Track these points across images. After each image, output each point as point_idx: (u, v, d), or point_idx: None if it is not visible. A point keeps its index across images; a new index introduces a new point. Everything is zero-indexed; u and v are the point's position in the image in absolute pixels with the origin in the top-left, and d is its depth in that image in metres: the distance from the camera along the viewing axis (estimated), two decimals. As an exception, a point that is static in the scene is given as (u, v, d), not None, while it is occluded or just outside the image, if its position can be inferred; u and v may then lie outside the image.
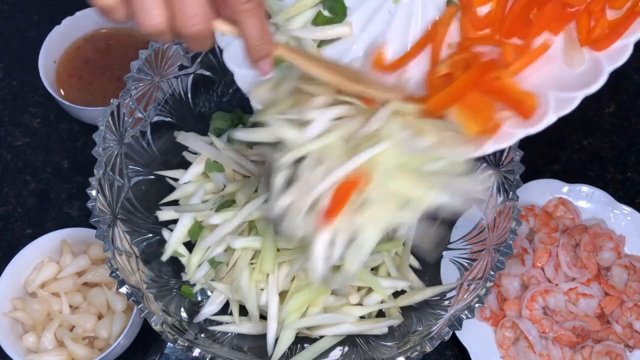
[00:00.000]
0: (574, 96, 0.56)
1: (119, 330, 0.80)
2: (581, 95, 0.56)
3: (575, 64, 0.58)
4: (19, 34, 1.08)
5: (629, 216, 0.91)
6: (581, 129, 1.02)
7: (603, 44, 0.58)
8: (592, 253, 0.88)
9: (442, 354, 0.86)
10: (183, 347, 0.66)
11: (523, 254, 0.87)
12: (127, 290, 0.67)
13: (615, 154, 1.01)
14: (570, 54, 0.59)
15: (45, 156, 0.99)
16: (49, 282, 0.84)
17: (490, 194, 0.76)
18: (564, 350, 0.83)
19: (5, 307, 0.81)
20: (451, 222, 0.82)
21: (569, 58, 0.59)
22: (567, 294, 0.86)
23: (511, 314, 0.85)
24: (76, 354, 0.79)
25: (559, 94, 0.57)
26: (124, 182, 0.78)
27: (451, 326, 0.67)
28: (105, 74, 0.99)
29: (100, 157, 0.73)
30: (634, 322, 0.84)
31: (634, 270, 0.87)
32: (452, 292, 0.75)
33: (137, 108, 0.79)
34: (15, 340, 0.80)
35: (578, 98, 0.56)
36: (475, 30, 0.65)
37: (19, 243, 0.86)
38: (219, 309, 0.79)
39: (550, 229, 0.89)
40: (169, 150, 0.85)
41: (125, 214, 0.77)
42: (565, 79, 0.58)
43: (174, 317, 0.74)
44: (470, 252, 0.77)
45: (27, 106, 1.03)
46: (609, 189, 0.93)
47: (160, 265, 0.80)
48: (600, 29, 0.58)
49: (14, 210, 0.95)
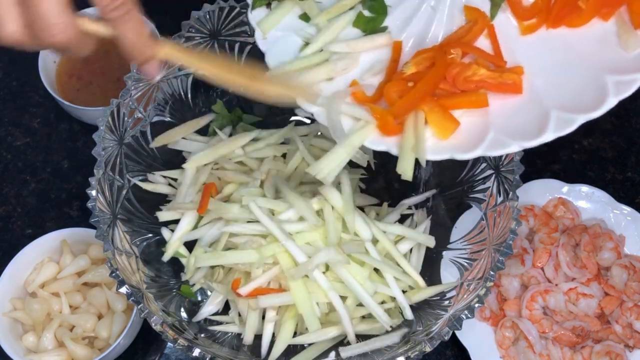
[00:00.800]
0: (634, 78, 0.56)
1: (119, 330, 0.80)
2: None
3: (630, 47, 0.58)
4: (19, 34, 1.08)
5: (629, 216, 0.91)
6: (581, 129, 1.01)
7: None
8: (592, 253, 0.88)
9: (442, 354, 0.86)
10: (183, 347, 0.66)
11: (523, 254, 0.87)
12: (127, 290, 0.67)
13: (615, 154, 1.01)
14: (624, 37, 0.58)
15: (45, 156, 0.99)
16: (49, 282, 0.84)
17: (490, 193, 0.76)
18: (564, 350, 0.83)
19: (5, 307, 0.81)
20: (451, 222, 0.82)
21: (624, 42, 0.58)
22: (567, 294, 0.86)
23: (511, 314, 0.85)
24: (76, 354, 0.79)
25: (618, 77, 0.57)
26: (124, 182, 0.78)
27: (451, 326, 0.67)
28: (105, 74, 0.99)
29: (100, 157, 0.73)
30: (633, 322, 0.84)
31: (634, 270, 0.87)
32: (452, 292, 0.75)
33: (137, 108, 0.79)
34: (15, 340, 0.80)
35: (638, 80, 0.56)
36: (521, 21, 0.64)
37: (19, 243, 0.86)
38: (218, 309, 0.79)
39: (550, 229, 0.89)
40: (169, 150, 0.85)
41: (125, 214, 0.77)
42: (622, 62, 0.57)
43: (173, 317, 0.74)
44: (470, 252, 0.77)
45: (27, 106, 1.03)
46: (609, 189, 0.93)
47: (160, 265, 0.80)
48: None
49: (14, 210, 0.95)
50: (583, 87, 0.58)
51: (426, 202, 0.87)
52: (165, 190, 0.84)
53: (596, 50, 0.60)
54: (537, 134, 0.57)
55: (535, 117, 0.59)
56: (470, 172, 0.80)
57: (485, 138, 0.59)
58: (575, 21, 0.61)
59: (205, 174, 0.83)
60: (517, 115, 0.60)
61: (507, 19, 0.65)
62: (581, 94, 0.58)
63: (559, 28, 0.62)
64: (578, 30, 0.62)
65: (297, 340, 0.75)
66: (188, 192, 0.82)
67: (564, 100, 0.59)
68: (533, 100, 0.60)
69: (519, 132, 0.58)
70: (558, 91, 0.60)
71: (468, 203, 0.80)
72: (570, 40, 0.62)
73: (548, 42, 0.63)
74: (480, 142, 0.59)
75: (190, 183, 0.83)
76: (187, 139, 0.85)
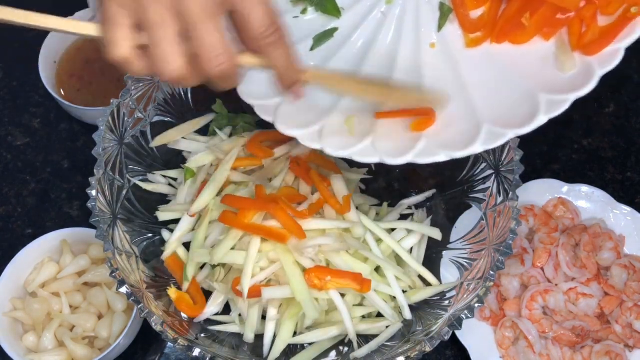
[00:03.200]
0: (565, 99, 0.57)
1: (119, 330, 0.80)
2: (572, 98, 0.57)
3: (566, 68, 0.60)
4: (19, 34, 1.08)
5: (629, 216, 0.91)
6: (581, 129, 1.03)
7: (594, 49, 0.59)
8: (592, 253, 0.88)
9: (442, 354, 0.86)
10: (183, 347, 0.66)
11: (523, 254, 0.87)
12: (127, 290, 0.67)
13: (615, 154, 1.01)
14: (562, 58, 0.60)
15: (45, 156, 0.99)
16: (49, 282, 0.84)
17: (490, 193, 0.76)
18: (564, 350, 0.83)
19: (6, 307, 0.81)
20: (451, 222, 0.82)
21: (560, 63, 0.60)
22: (567, 294, 0.86)
23: (511, 313, 0.85)
24: (76, 354, 0.79)
25: (550, 96, 0.58)
26: (124, 182, 0.78)
27: (451, 326, 0.67)
28: (105, 74, 0.99)
29: (100, 157, 0.73)
30: (633, 322, 0.84)
31: (634, 270, 0.87)
32: (452, 292, 0.75)
33: (137, 108, 0.79)
34: (15, 340, 0.80)
35: (569, 100, 0.57)
36: (468, 33, 0.66)
37: (19, 243, 0.86)
38: (219, 310, 0.79)
39: (550, 229, 0.89)
40: (169, 150, 0.85)
41: (125, 214, 0.77)
42: (557, 83, 0.59)
43: (174, 317, 0.74)
44: (470, 252, 0.77)
45: (27, 106, 1.03)
46: (609, 189, 0.94)
47: (161, 265, 0.80)
48: (591, 34, 0.59)
49: (14, 210, 0.95)
50: (518, 103, 0.61)
51: (426, 202, 0.87)
52: (165, 190, 0.84)
53: (535, 69, 0.62)
54: (466, 146, 0.60)
55: (468, 129, 0.61)
56: (470, 172, 0.80)
57: (416, 146, 0.61)
58: (519, 38, 0.64)
59: (205, 174, 0.83)
60: (451, 126, 0.62)
61: (454, 30, 0.67)
62: (514, 109, 0.60)
63: (502, 44, 0.65)
64: (520, 47, 0.64)
65: (297, 339, 0.75)
66: (188, 192, 0.83)
67: (497, 114, 0.61)
68: (468, 113, 0.62)
69: (449, 142, 0.61)
70: (493, 105, 0.62)
71: (468, 203, 0.80)
72: (512, 56, 0.64)
73: (491, 57, 0.65)
74: (410, 150, 0.61)
75: (190, 183, 0.83)
76: (187, 139, 0.85)
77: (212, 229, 0.78)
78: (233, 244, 0.74)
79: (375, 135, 0.64)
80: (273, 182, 0.80)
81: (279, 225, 0.73)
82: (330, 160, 0.83)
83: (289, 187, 0.80)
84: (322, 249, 0.73)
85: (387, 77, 0.67)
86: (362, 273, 0.73)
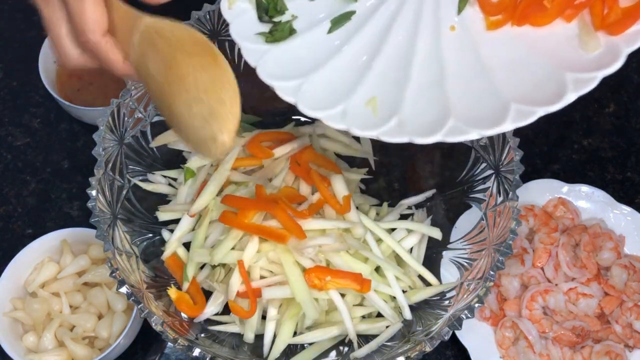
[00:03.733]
0: (593, 76, 0.57)
1: (119, 330, 0.80)
2: (600, 76, 0.57)
3: (590, 48, 0.59)
4: (19, 34, 1.08)
5: (629, 216, 0.91)
6: (581, 129, 1.03)
7: (618, 29, 0.58)
8: (592, 253, 0.88)
9: (442, 354, 0.86)
10: (183, 347, 0.66)
11: (523, 254, 0.87)
12: (127, 290, 0.67)
13: (615, 154, 1.01)
14: (585, 38, 0.60)
15: (45, 156, 0.99)
16: (49, 282, 0.84)
17: (490, 193, 0.76)
18: (564, 350, 0.83)
19: (5, 307, 0.81)
20: (451, 222, 0.82)
21: (584, 43, 0.59)
22: (567, 294, 0.86)
23: (511, 313, 0.85)
24: (76, 354, 0.79)
25: (577, 75, 0.58)
26: (124, 182, 0.78)
27: (451, 326, 0.67)
28: (105, 74, 0.98)
29: (100, 157, 0.73)
30: (633, 322, 0.84)
31: (634, 270, 0.87)
32: (452, 292, 0.75)
33: (137, 108, 0.79)
34: (15, 340, 0.80)
35: (597, 78, 0.57)
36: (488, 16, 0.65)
37: (19, 243, 0.86)
38: (219, 310, 0.79)
39: (550, 228, 0.89)
40: (169, 150, 0.85)
41: (126, 214, 0.77)
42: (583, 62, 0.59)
43: (174, 317, 0.74)
44: (470, 252, 0.77)
45: (27, 106, 1.03)
46: (609, 189, 0.93)
47: (161, 265, 0.80)
48: (614, 15, 0.59)
49: (14, 210, 0.95)
50: (543, 82, 0.60)
51: (426, 202, 0.87)
52: (165, 190, 0.84)
53: (558, 49, 0.61)
54: (496, 124, 0.59)
55: (497, 108, 0.60)
56: (470, 172, 0.80)
57: (445, 124, 0.60)
58: (540, 20, 0.63)
59: (205, 174, 0.83)
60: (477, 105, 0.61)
61: (474, 12, 0.66)
62: (541, 88, 0.60)
63: (523, 26, 0.64)
64: (542, 29, 0.63)
65: (297, 339, 0.75)
66: (188, 192, 0.83)
67: (523, 93, 0.60)
68: (493, 93, 0.61)
69: (478, 120, 0.60)
70: (518, 85, 0.61)
71: (468, 203, 0.80)
72: (534, 38, 0.63)
73: (512, 39, 0.64)
74: (440, 128, 0.60)
75: (190, 183, 0.83)
76: None
77: (212, 229, 0.79)
78: (233, 244, 0.74)
79: (401, 115, 0.63)
80: (273, 182, 0.80)
81: (279, 225, 0.73)
82: (330, 160, 0.83)
83: (289, 187, 0.80)
84: (322, 249, 0.73)
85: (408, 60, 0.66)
86: (362, 273, 0.73)
